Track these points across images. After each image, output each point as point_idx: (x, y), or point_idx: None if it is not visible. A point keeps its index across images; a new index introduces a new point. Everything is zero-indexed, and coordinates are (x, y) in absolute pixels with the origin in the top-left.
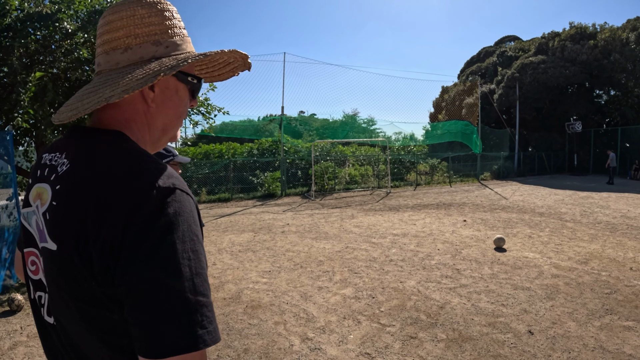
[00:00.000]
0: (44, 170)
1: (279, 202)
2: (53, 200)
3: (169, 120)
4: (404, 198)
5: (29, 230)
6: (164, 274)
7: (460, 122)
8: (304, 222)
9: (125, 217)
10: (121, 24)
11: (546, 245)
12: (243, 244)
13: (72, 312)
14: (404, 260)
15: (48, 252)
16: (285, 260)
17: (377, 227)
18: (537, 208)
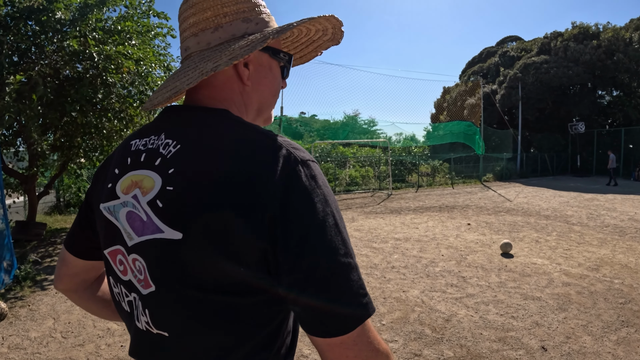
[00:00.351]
0: (138, 157)
1: None
2: (166, 185)
3: (264, 99)
4: (406, 200)
5: (115, 226)
6: (326, 246)
7: (462, 122)
8: None
9: (280, 196)
10: (208, 4)
11: (554, 251)
12: None
13: (190, 308)
14: (407, 267)
15: (162, 243)
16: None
17: (379, 231)
18: (543, 211)
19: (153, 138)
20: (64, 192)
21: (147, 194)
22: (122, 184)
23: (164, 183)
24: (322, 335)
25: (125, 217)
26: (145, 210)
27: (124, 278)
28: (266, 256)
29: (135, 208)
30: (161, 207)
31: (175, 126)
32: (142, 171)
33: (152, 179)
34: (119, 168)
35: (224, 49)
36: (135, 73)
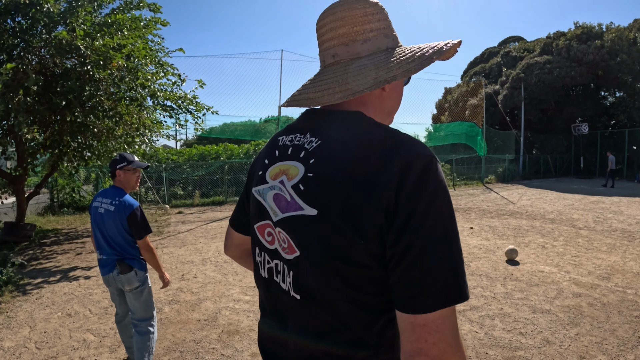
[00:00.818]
0: (285, 150)
1: None
2: (308, 172)
3: (394, 103)
4: None
5: (262, 205)
6: (437, 232)
7: (464, 123)
8: None
9: (397, 182)
10: (357, 20)
11: (562, 257)
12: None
13: (324, 272)
14: None
15: (302, 219)
16: None
17: None
18: (547, 214)
19: (299, 136)
20: (57, 193)
21: (291, 180)
22: (271, 171)
23: (305, 170)
24: (407, 310)
25: (272, 198)
26: (289, 192)
27: (270, 247)
28: (382, 232)
29: (281, 191)
30: (302, 190)
31: (318, 127)
32: (289, 162)
33: (297, 168)
34: (268, 159)
35: (381, 61)
36: (125, 68)
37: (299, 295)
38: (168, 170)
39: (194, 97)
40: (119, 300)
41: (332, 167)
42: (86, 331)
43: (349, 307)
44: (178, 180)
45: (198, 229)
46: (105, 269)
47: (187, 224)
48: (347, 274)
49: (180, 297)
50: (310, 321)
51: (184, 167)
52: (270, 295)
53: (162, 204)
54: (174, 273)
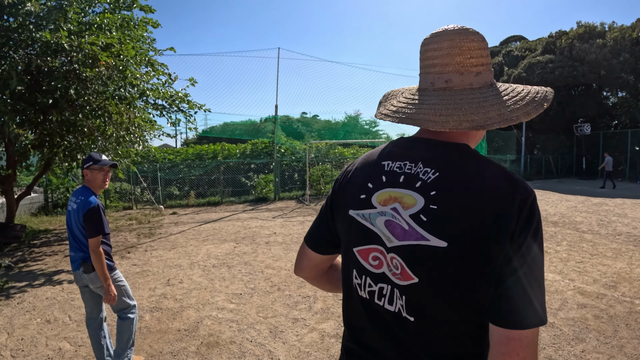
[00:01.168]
0: (395, 177)
1: (271, 206)
2: (430, 204)
3: (481, 137)
4: None
5: (369, 230)
6: (539, 256)
7: None
8: (292, 231)
9: (517, 217)
10: (474, 52)
11: (566, 264)
12: (220, 257)
13: (447, 299)
14: None
15: (426, 249)
16: (262, 280)
17: None
18: (550, 216)
19: (410, 164)
20: (52, 193)
21: (408, 209)
22: (378, 196)
23: (426, 202)
24: (506, 325)
25: (384, 224)
26: (407, 221)
27: (375, 271)
28: (504, 259)
29: (394, 218)
30: (425, 221)
31: (431, 157)
32: (402, 190)
33: (413, 197)
34: (372, 183)
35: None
36: (114, 67)
37: (413, 317)
38: (165, 170)
39: (185, 95)
40: (87, 297)
41: (458, 202)
42: (63, 339)
43: (465, 326)
44: (175, 180)
45: (190, 231)
46: (73, 265)
47: (179, 225)
48: (469, 298)
49: (163, 304)
50: (423, 340)
51: (181, 167)
52: (369, 312)
53: (157, 205)
54: (160, 278)
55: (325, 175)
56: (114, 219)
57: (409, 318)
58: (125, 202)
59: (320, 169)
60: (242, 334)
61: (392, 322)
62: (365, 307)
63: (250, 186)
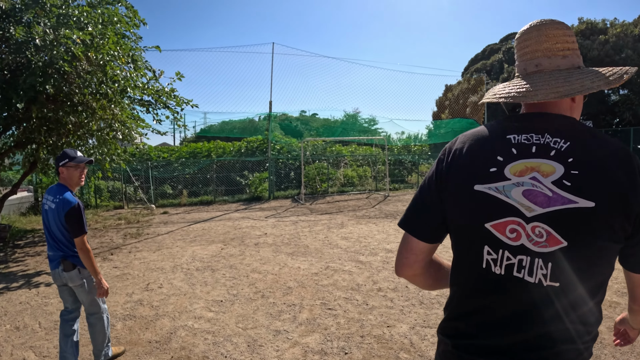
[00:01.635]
0: (526, 148)
1: (265, 206)
2: (570, 170)
3: (577, 115)
4: (404, 203)
5: (504, 202)
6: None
7: (464, 120)
8: (284, 232)
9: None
10: (559, 38)
11: None
12: (205, 260)
13: (592, 255)
14: (396, 289)
15: (575, 211)
16: (247, 285)
17: (369, 240)
18: None
19: (536, 136)
20: (42, 192)
21: (548, 176)
22: (512, 168)
23: (567, 168)
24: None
25: (522, 194)
26: (550, 188)
27: (513, 244)
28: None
29: (535, 187)
30: (569, 185)
31: (554, 128)
32: (537, 160)
33: (551, 166)
34: (502, 156)
35: (577, 73)
36: (95, 62)
37: (558, 282)
38: (157, 168)
39: (171, 91)
40: (66, 295)
41: (596, 165)
42: (29, 348)
43: (598, 282)
44: (169, 178)
45: (179, 231)
46: (51, 264)
47: (169, 225)
48: (609, 253)
49: (138, 312)
50: (569, 303)
51: (175, 165)
52: (504, 289)
53: (149, 204)
54: (139, 282)
55: (321, 173)
56: (103, 218)
57: (554, 284)
58: (117, 201)
59: (316, 167)
60: (217, 348)
61: (535, 293)
62: (499, 284)
63: (245, 185)
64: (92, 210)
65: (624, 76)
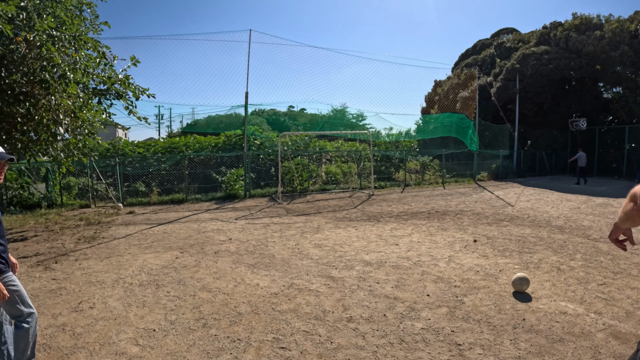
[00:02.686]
0: None
1: (239, 205)
2: None
3: None
4: (389, 203)
5: None
6: None
7: (455, 114)
8: (251, 237)
9: None
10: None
11: (586, 287)
12: (153, 272)
13: None
14: (371, 319)
15: None
16: (190, 309)
17: (345, 249)
18: (553, 219)
19: None
20: (6, 190)
21: None
22: None
23: None
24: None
25: None
26: None
27: None
28: None
29: None
30: None
31: None
32: None
33: None
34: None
35: None
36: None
37: None
38: (134, 163)
39: (126, 78)
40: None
41: None
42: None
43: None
44: (144, 175)
45: (137, 235)
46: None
47: (130, 226)
48: None
49: (56, 341)
50: None
51: (151, 161)
52: None
53: (116, 203)
54: (72, 299)
55: (302, 170)
56: (64, 218)
57: None
58: (84, 199)
59: (296, 163)
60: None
61: None
62: None
63: (222, 182)
64: (56, 209)
65: None
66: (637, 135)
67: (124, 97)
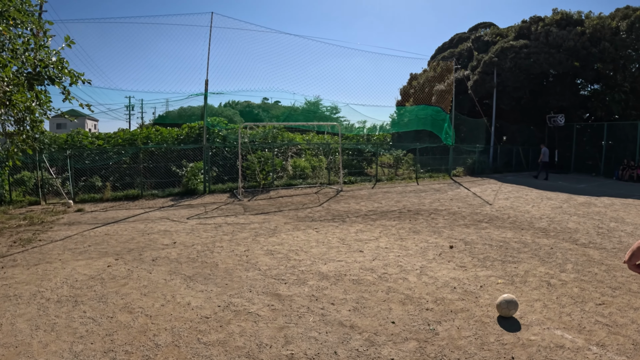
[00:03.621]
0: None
1: (196, 202)
2: None
3: None
4: (357, 200)
5: None
6: None
7: (430, 107)
8: (198, 240)
9: None
10: None
11: (583, 308)
12: (77, 285)
13: None
14: (318, 356)
15: None
16: (101, 337)
17: (301, 256)
18: (536, 220)
19: None
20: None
21: None
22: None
23: None
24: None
25: None
26: None
27: None
28: None
29: None
30: None
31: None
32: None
33: None
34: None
35: None
36: None
37: None
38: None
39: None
40: None
41: None
42: None
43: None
44: (103, 168)
45: (77, 237)
46: None
47: (73, 226)
48: None
49: None
50: None
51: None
52: None
53: (67, 199)
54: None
55: (266, 163)
56: (8, 217)
57: None
58: (35, 196)
59: (258, 156)
60: None
61: None
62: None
63: (182, 176)
64: (4, 207)
65: None
66: (615, 133)
67: (57, 82)
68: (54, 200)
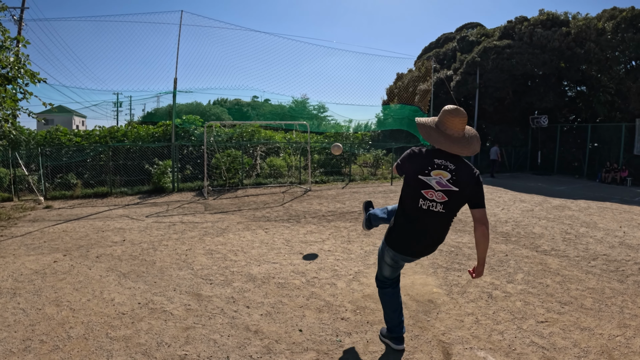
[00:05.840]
0: (440, 166)
1: (162, 200)
2: (453, 176)
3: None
4: (322, 200)
5: (427, 184)
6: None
7: (407, 106)
8: (147, 239)
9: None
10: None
11: (521, 326)
12: (20, 279)
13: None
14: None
15: (452, 192)
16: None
17: (239, 257)
18: (500, 224)
19: (444, 162)
20: None
21: (445, 178)
22: (434, 172)
23: (452, 176)
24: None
25: (435, 182)
26: (446, 181)
27: (429, 198)
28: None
29: (441, 179)
30: (452, 181)
31: (453, 160)
32: (442, 171)
33: (447, 174)
34: (431, 167)
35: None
36: None
37: (444, 210)
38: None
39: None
40: None
41: (463, 175)
42: None
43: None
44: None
45: (36, 233)
46: None
47: (37, 223)
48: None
49: None
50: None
51: (88, 151)
52: (423, 213)
53: (38, 195)
54: None
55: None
56: None
57: (442, 211)
58: (7, 192)
59: (226, 155)
60: None
61: (434, 215)
62: (424, 210)
63: (153, 174)
64: None
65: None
66: (600, 135)
67: (14, 82)
68: (28, 197)
